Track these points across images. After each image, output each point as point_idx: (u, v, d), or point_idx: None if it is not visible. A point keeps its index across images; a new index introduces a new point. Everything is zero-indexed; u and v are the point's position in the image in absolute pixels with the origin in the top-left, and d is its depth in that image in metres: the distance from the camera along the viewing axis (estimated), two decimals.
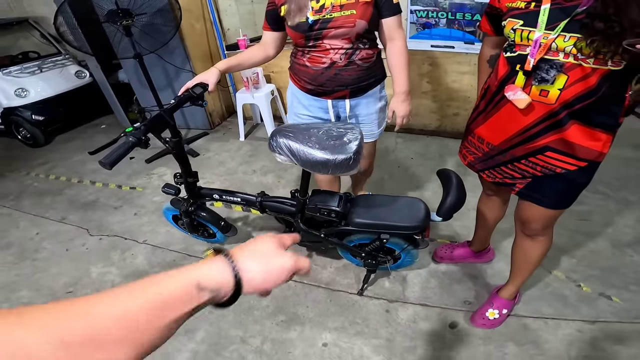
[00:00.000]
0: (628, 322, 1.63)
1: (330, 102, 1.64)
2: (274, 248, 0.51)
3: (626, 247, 2.02)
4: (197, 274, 0.42)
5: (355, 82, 1.57)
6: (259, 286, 0.47)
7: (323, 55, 1.52)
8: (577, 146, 1.11)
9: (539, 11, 1.04)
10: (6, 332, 0.29)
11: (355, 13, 1.42)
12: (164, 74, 3.51)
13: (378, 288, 1.90)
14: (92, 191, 2.98)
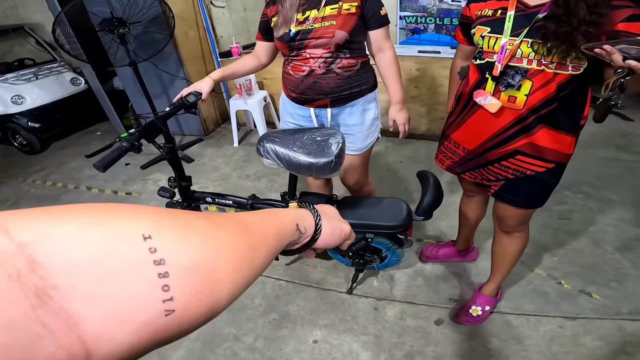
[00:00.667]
0: (608, 318, 1.69)
1: (312, 110, 1.67)
2: (338, 215, 0.60)
3: (607, 245, 2.09)
4: (297, 215, 0.49)
5: (334, 91, 1.58)
6: (325, 240, 0.54)
7: (303, 64, 1.56)
8: (545, 149, 1.19)
9: (505, 18, 1.11)
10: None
11: (335, 24, 1.46)
12: (159, 81, 3.56)
13: (367, 287, 1.96)
14: (89, 197, 3.03)
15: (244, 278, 0.32)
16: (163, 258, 0.24)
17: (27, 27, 4.43)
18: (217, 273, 0.28)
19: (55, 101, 3.96)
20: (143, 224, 0.25)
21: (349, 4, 1.46)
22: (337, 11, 1.47)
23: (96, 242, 0.22)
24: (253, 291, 1.98)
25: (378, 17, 1.51)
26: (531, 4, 1.10)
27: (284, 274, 2.08)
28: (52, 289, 0.19)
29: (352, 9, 1.46)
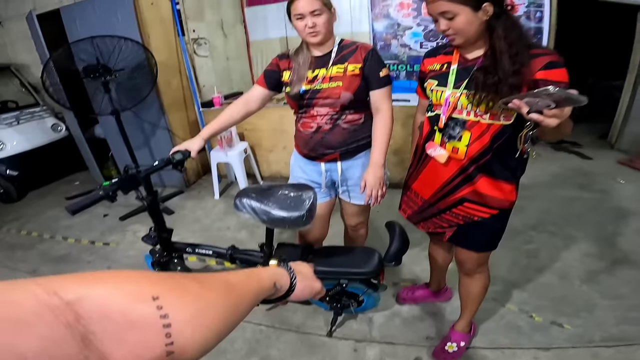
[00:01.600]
0: (582, 346, 1.75)
1: (323, 165, 1.73)
2: (311, 274, 0.71)
3: (574, 278, 2.20)
4: (275, 273, 0.60)
5: (342, 145, 1.66)
6: (297, 295, 0.65)
7: (311, 121, 1.66)
8: (487, 196, 1.32)
9: (449, 72, 1.27)
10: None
11: (341, 85, 1.56)
12: (140, 131, 3.61)
13: (346, 329, 1.98)
14: (64, 246, 2.99)
15: (227, 328, 0.42)
16: (167, 313, 0.33)
17: (13, 67, 4.40)
18: (207, 325, 0.37)
19: (36, 148, 3.92)
20: (152, 287, 0.34)
21: (354, 65, 1.58)
22: (343, 72, 1.58)
23: (120, 301, 0.31)
24: (233, 335, 1.95)
25: (377, 77, 1.60)
26: (469, 57, 1.26)
27: (263, 318, 2.08)
28: (91, 334, 0.29)
29: (356, 70, 1.57)
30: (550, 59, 1.13)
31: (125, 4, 3.11)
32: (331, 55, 1.61)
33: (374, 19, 3.84)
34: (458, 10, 1.15)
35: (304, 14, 1.50)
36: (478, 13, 1.15)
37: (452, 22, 1.18)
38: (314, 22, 1.51)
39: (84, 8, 3.24)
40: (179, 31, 3.44)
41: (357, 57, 1.59)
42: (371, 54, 1.59)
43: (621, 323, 1.85)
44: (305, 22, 1.51)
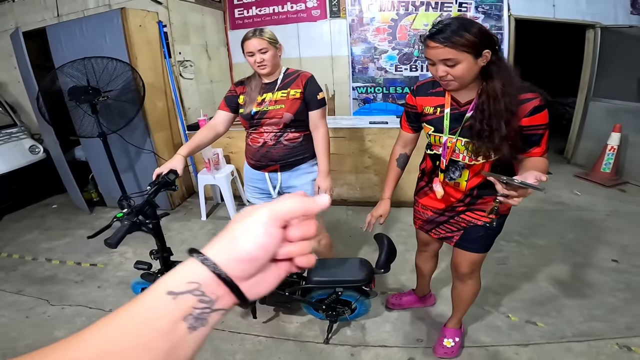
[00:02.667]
0: (556, 342, 1.95)
1: (266, 174, 2.04)
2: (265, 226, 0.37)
3: (541, 281, 2.44)
4: (165, 281, 0.36)
5: (282, 158, 1.97)
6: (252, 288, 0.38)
7: (259, 137, 1.96)
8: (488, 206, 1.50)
9: (444, 116, 1.40)
10: None
11: (283, 107, 1.88)
12: (124, 153, 3.57)
13: (341, 336, 2.10)
14: (49, 267, 2.94)
15: None
16: None
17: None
18: None
19: (12, 170, 3.81)
20: None
21: (295, 90, 1.90)
22: (286, 96, 1.90)
23: None
24: (233, 348, 2.04)
25: (315, 101, 1.93)
26: (462, 100, 1.37)
27: (261, 330, 2.16)
28: None
29: (297, 94, 1.90)
30: (534, 104, 1.24)
31: (114, 26, 3.16)
32: (277, 82, 1.93)
33: (352, 43, 4.11)
34: (461, 58, 1.20)
35: (253, 51, 1.82)
36: (478, 60, 1.21)
37: (452, 69, 1.23)
38: (262, 57, 1.83)
39: (71, 28, 3.27)
40: (166, 53, 3.52)
41: (298, 83, 1.92)
42: (310, 81, 1.93)
43: (588, 320, 2.08)
44: (255, 58, 1.83)
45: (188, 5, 3.74)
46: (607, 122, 4.06)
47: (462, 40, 1.18)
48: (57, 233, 3.52)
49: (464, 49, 1.18)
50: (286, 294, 1.92)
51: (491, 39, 1.22)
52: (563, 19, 4.07)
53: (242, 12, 4.31)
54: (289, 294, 1.93)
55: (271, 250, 0.38)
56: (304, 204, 0.39)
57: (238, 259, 0.36)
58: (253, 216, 0.38)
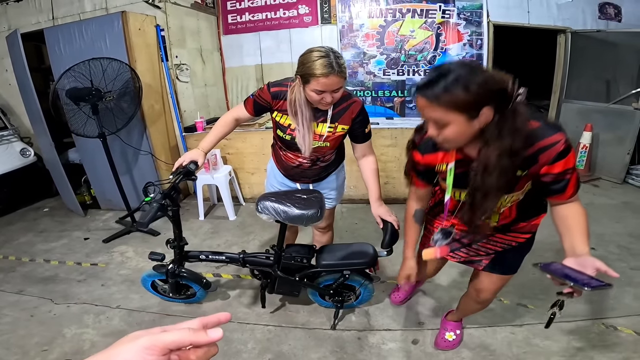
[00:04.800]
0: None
1: (298, 185, 2.04)
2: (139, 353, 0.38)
3: (527, 266, 2.58)
4: None
5: (316, 176, 1.97)
6: None
7: (295, 158, 1.86)
8: (525, 228, 1.43)
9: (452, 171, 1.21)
10: None
11: (328, 146, 1.74)
12: (122, 155, 3.60)
13: (347, 322, 2.21)
14: (48, 268, 2.94)
15: None
16: None
17: None
18: None
19: (4, 174, 3.77)
20: None
21: (342, 126, 1.68)
22: (333, 131, 1.69)
23: None
24: (244, 337, 2.12)
25: (363, 135, 1.77)
26: (472, 154, 1.14)
27: (270, 320, 2.25)
28: None
29: (344, 131, 1.72)
30: (558, 149, 1.03)
31: (115, 29, 3.21)
32: (327, 112, 1.65)
33: (343, 48, 4.26)
34: (450, 119, 0.98)
35: (326, 90, 1.47)
36: (474, 122, 0.99)
37: (442, 131, 1.03)
38: (333, 97, 1.51)
39: (69, 30, 3.29)
40: (163, 57, 3.59)
41: (348, 116, 1.67)
42: (361, 113, 1.69)
43: (573, 302, 2.21)
44: (323, 97, 1.49)
45: (184, 10, 3.83)
46: (579, 122, 4.35)
47: (453, 99, 0.95)
48: (52, 235, 3.51)
49: (454, 109, 0.96)
50: (296, 279, 2.02)
51: (495, 94, 0.97)
52: (536, 24, 4.36)
53: (235, 18, 4.42)
54: (298, 279, 2.03)
55: None
56: (192, 337, 0.41)
57: None
58: (133, 342, 0.39)
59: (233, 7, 4.39)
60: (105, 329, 2.23)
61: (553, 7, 4.31)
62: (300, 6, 4.25)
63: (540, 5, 4.29)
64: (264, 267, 2.08)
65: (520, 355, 1.93)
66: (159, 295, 2.36)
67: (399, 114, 4.41)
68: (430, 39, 4.15)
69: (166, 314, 2.34)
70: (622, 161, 4.07)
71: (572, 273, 1.01)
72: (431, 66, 4.23)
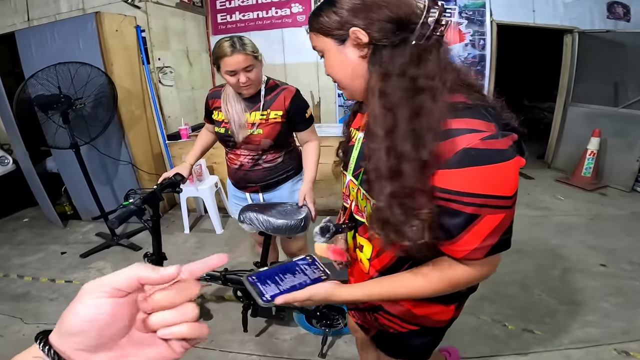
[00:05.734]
0: (554, 349, 1.93)
1: (248, 194, 1.89)
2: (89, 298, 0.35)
3: (533, 288, 2.43)
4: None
5: (261, 180, 1.80)
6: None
7: (235, 158, 1.80)
8: (404, 311, 0.97)
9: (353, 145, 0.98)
10: None
11: (262, 133, 1.67)
12: (100, 165, 3.39)
13: (338, 351, 2.02)
14: (21, 284, 2.77)
15: None
16: None
17: None
18: None
19: None
20: None
21: (276, 112, 1.66)
22: (265, 118, 1.66)
23: None
24: None
25: (303, 120, 1.75)
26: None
27: (254, 348, 2.06)
28: None
29: (277, 117, 1.67)
30: (467, 143, 0.64)
31: (88, 30, 3.01)
32: (258, 99, 1.67)
33: None
34: (322, 45, 0.79)
35: (236, 70, 1.52)
36: (345, 48, 0.75)
37: (325, 63, 0.83)
38: (247, 77, 1.54)
39: (42, 32, 3.10)
40: (144, 59, 3.39)
41: (280, 103, 1.66)
42: (295, 99, 1.68)
43: (583, 326, 2.07)
44: (238, 78, 1.54)
45: (169, 10, 3.63)
46: (586, 127, 4.14)
47: (319, 20, 0.77)
48: (30, 248, 3.33)
49: (321, 32, 0.77)
50: None
51: (367, 13, 0.70)
52: (542, 24, 4.15)
53: (225, 17, 4.22)
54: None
55: (102, 320, 0.35)
56: (140, 273, 0.36)
57: (68, 332, 0.35)
58: (82, 289, 0.36)
59: (223, 6, 4.20)
60: None
61: (559, 5, 4.10)
62: (293, 5, 4.06)
63: (545, 3, 4.07)
64: None
65: None
66: None
67: None
68: None
69: None
70: (631, 168, 3.86)
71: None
72: None
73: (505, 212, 0.67)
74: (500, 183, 0.65)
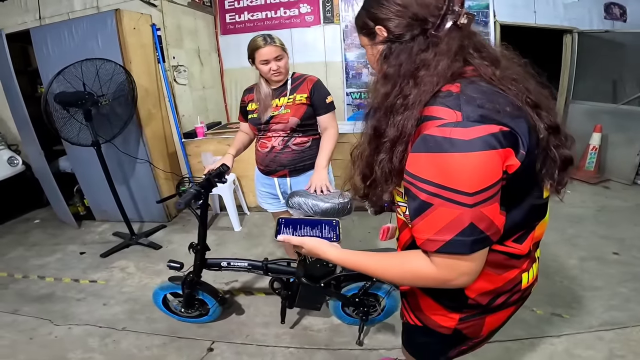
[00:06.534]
0: (586, 331, 2.00)
1: (275, 179, 2.04)
2: None
3: (555, 275, 2.51)
4: None
5: (291, 163, 1.96)
6: None
7: (267, 142, 1.97)
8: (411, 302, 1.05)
9: None
10: None
11: (290, 112, 1.88)
12: (118, 163, 3.37)
13: (374, 340, 2.05)
14: (44, 285, 2.73)
15: None
16: None
17: None
18: None
19: None
20: None
21: (301, 95, 1.89)
22: (292, 101, 1.89)
23: None
24: None
25: (324, 105, 1.93)
26: None
27: (290, 341, 2.08)
28: None
29: (302, 99, 1.89)
30: (428, 129, 0.69)
31: (108, 28, 3.00)
32: (286, 86, 1.92)
33: (346, 49, 4.13)
34: (361, 41, 0.90)
35: (269, 59, 1.79)
36: (376, 44, 0.84)
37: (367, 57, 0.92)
38: (278, 65, 1.82)
39: (59, 30, 3.08)
40: (160, 58, 3.38)
41: (304, 88, 1.91)
42: (316, 85, 1.92)
43: (608, 310, 2.15)
44: (270, 66, 1.81)
45: (180, 8, 3.63)
46: (588, 123, 4.27)
47: (357, 19, 0.88)
48: (45, 249, 3.28)
49: (359, 29, 0.89)
50: (321, 285, 1.87)
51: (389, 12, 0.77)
52: (543, 24, 4.29)
53: (234, 17, 4.23)
54: (323, 286, 1.87)
55: None
56: None
57: None
58: None
59: (231, 5, 4.21)
60: (114, 354, 2.05)
61: (559, 6, 4.25)
62: (301, 5, 4.09)
63: (546, 4, 4.21)
64: (286, 275, 1.94)
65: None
66: (170, 313, 2.19)
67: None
68: None
69: (177, 336, 2.15)
70: (632, 162, 4.00)
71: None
72: None
73: (460, 209, 0.66)
74: (456, 175, 0.65)
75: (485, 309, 0.91)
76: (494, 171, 0.66)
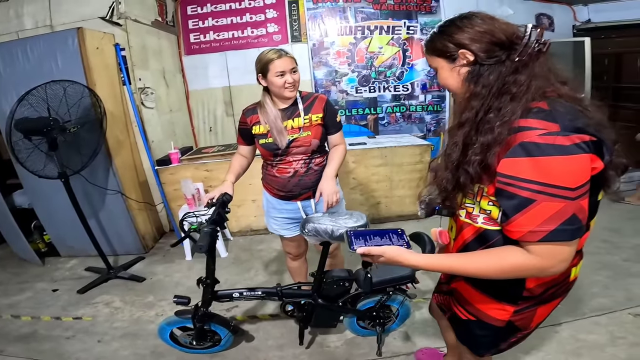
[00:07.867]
0: (580, 318, 2.16)
1: (299, 203, 1.94)
2: None
3: None
4: None
5: (315, 184, 1.87)
6: None
7: (287, 166, 1.86)
8: (466, 299, 1.18)
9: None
10: None
11: (310, 134, 1.81)
12: (85, 195, 3.06)
13: (391, 347, 2.07)
14: (22, 324, 2.48)
15: None
16: None
17: None
18: None
19: None
20: None
21: (316, 115, 1.83)
22: (309, 122, 1.81)
23: None
24: None
25: (335, 124, 1.90)
26: None
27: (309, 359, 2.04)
28: None
29: (318, 119, 1.83)
30: (526, 138, 0.78)
31: (69, 47, 2.79)
32: (296, 106, 1.84)
33: (315, 67, 4.20)
34: (436, 63, 0.99)
35: (285, 71, 1.71)
36: (455, 66, 0.94)
37: (439, 77, 1.02)
38: (293, 78, 1.75)
39: (12, 49, 2.81)
40: (125, 79, 3.19)
41: (317, 108, 1.84)
42: (328, 104, 1.88)
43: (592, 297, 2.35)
44: (286, 79, 1.72)
45: (145, 27, 3.46)
46: None
47: (434, 42, 0.97)
48: (11, 288, 2.98)
49: (435, 53, 0.98)
50: (339, 304, 1.89)
51: (477, 37, 0.88)
52: None
53: (198, 37, 4.13)
54: (341, 305, 1.89)
55: None
56: None
57: None
58: None
59: (195, 25, 4.10)
60: None
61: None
62: (269, 24, 4.11)
63: None
64: (304, 298, 1.91)
65: (576, 351, 1.95)
66: (179, 347, 2.06)
67: (372, 131, 4.43)
68: (397, 55, 4.25)
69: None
70: None
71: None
72: (400, 82, 4.34)
73: (564, 202, 0.76)
74: (559, 174, 0.76)
75: (538, 300, 1.04)
76: (588, 170, 0.77)
